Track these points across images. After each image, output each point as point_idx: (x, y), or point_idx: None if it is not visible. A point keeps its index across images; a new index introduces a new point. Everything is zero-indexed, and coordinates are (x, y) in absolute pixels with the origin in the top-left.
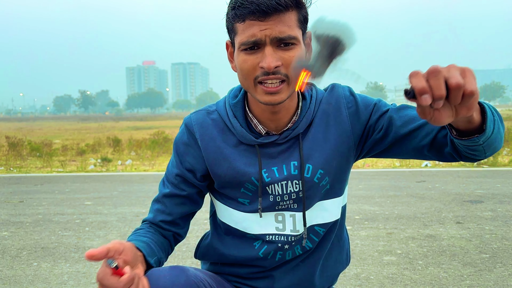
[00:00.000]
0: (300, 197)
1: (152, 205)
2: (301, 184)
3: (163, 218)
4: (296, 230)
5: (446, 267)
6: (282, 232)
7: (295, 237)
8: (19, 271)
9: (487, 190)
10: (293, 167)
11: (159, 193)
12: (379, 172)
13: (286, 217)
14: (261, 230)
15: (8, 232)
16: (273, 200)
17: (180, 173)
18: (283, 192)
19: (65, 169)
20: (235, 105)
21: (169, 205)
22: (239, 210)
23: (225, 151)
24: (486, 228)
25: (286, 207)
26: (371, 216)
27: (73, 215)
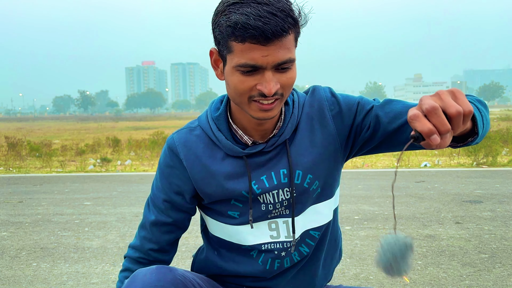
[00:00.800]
0: (291, 203)
1: (139, 231)
2: (290, 191)
3: (151, 246)
4: (291, 236)
5: (445, 267)
6: (277, 240)
7: (290, 243)
8: (18, 272)
9: (486, 190)
10: (282, 175)
11: (145, 219)
12: (378, 172)
13: (280, 224)
14: (255, 241)
15: (8, 233)
16: (265, 209)
17: (167, 199)
18: (275, 200)
19: (65, 169)
20: (217, 118)
21: (156, 233)
22: (230, 224)
23: (212, 168)
24: (485, 228)
25: (279, 214)
26: (370, 216)
27: (72, 215)
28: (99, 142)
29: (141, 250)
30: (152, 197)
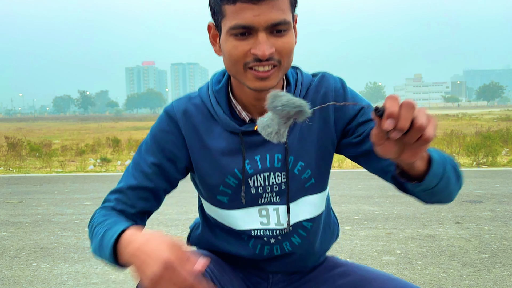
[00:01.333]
0: (282, 190)
1: (110, 195)
2: (283, 176)
3: (125, 208)
4: (281, 224)
5: (445, 267)
6: (267, 227)
7: (280, 231)
8: (18, 272)
9: (486, 190)
10: (276, 160)
11: (123, 184)
12: None
13: (270, 211)
14: (245, 226)
15: (8, 233)
16: (255, 192)
17: (157, 162)
18: (266, 183)
19: (65, 169)
20: (218, 91)
21: (132, 198)
22: (221, 208)
23: (208, 142)
24: (485, 228)
25: (269, 201)
26: (370, 216)
27: (72, 216)
28: (99, 142)
29: (114, 207)
30: (136, 161)
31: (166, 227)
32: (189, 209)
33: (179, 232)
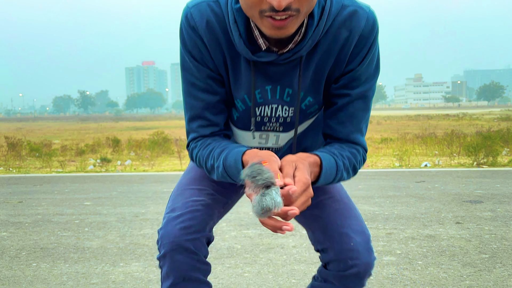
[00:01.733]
0: (287, 122)
1: (190, 125)
2: (290, 110)
3: (212, 130)
4: (278, 144)
5: (445, 267)
6: (264, 145)
7: (276, 149)
8: (18, 272)
9: (486, 190)
10: (286, 94)
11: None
12: (379, 172)
13: (270, 136)
14: (244, 143)
15: (7, 233)
16: (260, 120)
17: (210, 74)
18: (272, 115)
19: (65, 169)
20: (238, 10)
21: (210, 117)
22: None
23: (228, 60)
24: (485, 228)
25: (272, 129)
26: (370, 216)
27: (72, 216)
28: (99, 142)
29: (202, 135)
30: (190, 89)
31: None
32: None
33: None
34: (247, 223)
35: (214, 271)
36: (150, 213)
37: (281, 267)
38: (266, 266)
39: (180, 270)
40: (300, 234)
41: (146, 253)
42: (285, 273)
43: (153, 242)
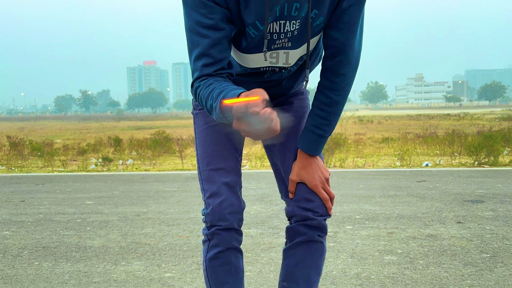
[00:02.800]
0: (295, 36)
1: (195, 64)
2: (297, 23)
3: (215, 68)
4: (288, 63)
5: (447, 266)
6: (275, 64)
7: (285, 68)
8: (20, 271)
9: (487, 190)
10: (294, 8)
11: (199, 48)
12: (380, 172)
13: (280, 54)
14: (256, 65)
15: (10, 232)
16: (269, 38)
17: (216, 9)
18: (280, 31)
19: (66, 168)
20: None
21: (214, 55)
22: (238, 50)
23: None
24: (487, 228)
25: (281, 46)
26: (371, 216)
27: (74, 215)
28: (101, 142)
29: (208, 74)
30: (195, 27)
31: (167, 226)
32: (190, 208)
33: (180, 231)
34: (248, 222)
35: None
36: (151, 212)
37: (278, 266)
38: (268, 265)
39: (225, 242)
40: None
41: (147, 252)
42: None
43: (154, 242)
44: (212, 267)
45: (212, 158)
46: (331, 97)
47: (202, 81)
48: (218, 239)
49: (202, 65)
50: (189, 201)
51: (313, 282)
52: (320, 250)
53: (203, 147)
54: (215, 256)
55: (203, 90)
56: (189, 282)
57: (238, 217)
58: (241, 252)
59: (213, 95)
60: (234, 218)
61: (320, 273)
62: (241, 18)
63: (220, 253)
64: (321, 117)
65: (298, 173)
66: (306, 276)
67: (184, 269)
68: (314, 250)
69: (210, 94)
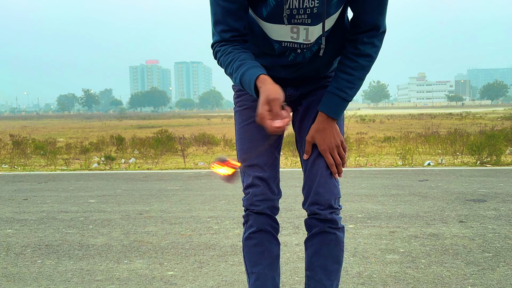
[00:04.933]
0: (314, 13)
1: (215, 28)
2: (316, 1)
3: (232, 33)
4: (308, 40)
5: (449, 266)
6: (296, 40)
7: (306, 45)
8: (23, 269)
9: (490, 189)
10: None
11: (216, 17)
12: (382, 171)
13: (300, 30)
14: (278, 37)
15: (12, 230)
16: (289, 13)
17: None
18: (300, 6)
19: (69, 167)
20: None
21: (231, 23)
22: (261, 19)
23: None
24: (489, 227)
25: (301, 22)
26: (373, 215)
27: (77, 213)
28: (103, 141)
29: (225, 38)
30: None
31: (170, 225)
32: (192, 206)
33: (183, 229)
34: None
35: (217, 269)
36: (154, 210)
37: (284, 265)
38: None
39: (258, 223)
40: (304, 232)
41: (150, 250)
42: (288, 271)
43: (157, 240)
44: (247, 246)
45: (247, 155)
46: (358, 61)
47: (222, 46)
48: (252, 220)
49: (220, 31)
50: (191, 200)
51: (332, 271)
52: (334, 240)
53: (240, 144)
54: (250, 235)
55: (223, 57)
56: (191, 280)
57: (269, 204)
58: (277, 239)
59: (233, 66)
60: (265, 204)
61: (339, 262)
62: None
63: (254, 233)
64: (346, 80)
65: (313, 135)
66: (324, 265)
67: (186, 267)
68: (328, 240)
69: (230, 63)
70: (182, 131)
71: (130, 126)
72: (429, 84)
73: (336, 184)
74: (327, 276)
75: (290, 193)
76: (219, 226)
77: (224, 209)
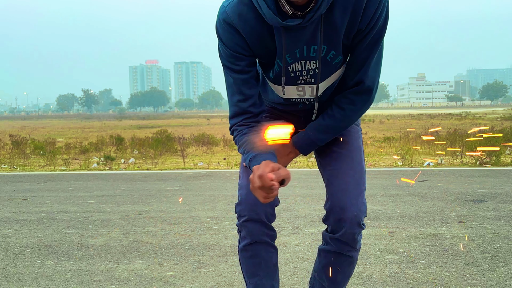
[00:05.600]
0: (316, 74)
1: (232, 104)
2: (317, 63)
3: (248, 103)
4: (314, 95)
5: (448, 266)
6: (303, 96)
7: (312, 99)
8: (23, 269)
9: (489, 189)
10: (312, 50)
11: (233, 90)
12: (381, 171)
13: (306, 88)
14: (287, 96)
15: (12, 230)
16: (293, 75)
17: (241, 57)
18: (302, 68)
19: (68, 167)
20: None
21: (246, 91)
22: (269, 81)
23: (261, 37)
24: (488, 228)
25: (305, 82)
26: (373, 215)
27: (76, 213)
28: (103, 141)
29: (241, 112)
30: (227, 71)
31: (169, 225)
32: (192, 207)
33: (182, 230)
34: None
35: (217, 269)
36: (153, 211)
37: (284, 265)
38: None
39: (252, 235)
40: (303, 232)
41: (149, 251)
42: (288, 271)
43: (156, 240)
44: (243, 257)
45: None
46: (333, 112)
47: (239, 126)
48: (246, 232)
49: (238, 101)
50: (190, 200)
51: (339, 282)
52: (348, 261)
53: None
54: (244, 248)
55: (239, 137)
56: (190, 280)
57: (265, 210)
58: (273, 246)
59: (246, 148)
60: (261, 210)
61: (348, 276)
62: (268, 55)
63: (249, 245)
64: (323, 125)
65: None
66: (333, 278)
67: (185, 268)
68: (342, 261)
69: (244, 143)
70: (181, 131)
71: (129, 126)
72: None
73: (364, 202)
74: (334, 286)
75: (290, 193)
76: (219, 227)
77: (224, 209)
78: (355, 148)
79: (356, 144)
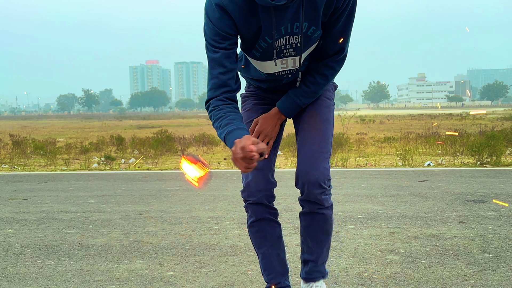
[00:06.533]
0: (298, 47)
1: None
2: (299, 38)
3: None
4: (296, 66)
5: (449, 266)
6: (286, 68)
7: (294, 70)
8: (23, 269)
9: (490, 189)
10: (295, 27)
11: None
12: (382, 171)
13: (289, 60)
14: (271, 71)
15: (12, 230)
16: (279, 50)
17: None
18: (286, 43)
19: (69, 167)
20: None
21: (227, 64)
22: (254, 59)
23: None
24: (489, 228)
25: (288, 55)
26: (373, 215)
27: (76, 213)
28: (103, 141)
29: (221, 84)
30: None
31: (170, 225)
32: (192, 207)
33: (183, 230)
34: None
35: (217, 269)
36: (153, 211)
37: None
38: None
39: (257, 213)
40: None
41: (150, 251)
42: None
43: (157, 240)
44: (251, 232)
45: None
46: (315, 78)
47: (216, 101)
48: (251, 211)
49: (219, 73)
50: (191, 200)
51: (322, 240)
52: (322, 219)
53: None
54: (251, 224)
55: (215, 112)
56: (191, 280)
57: (265, 194)
58: (277, 222)
59: (221, 122)
60: (261, 194)
61: (328, 233)
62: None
63: (254, 222)
64: (304, 90)
65: (260, 118)
66: (314, 236)
67: (186, 268)
68: (317, 219)
69: (219, 118)
70: (182, 131)
71: (130, 126)
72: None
73: (327, 166)
74: (317, 244)
75: (290, 193)
76: (219, 227)
77: (224, 210)
78: (324, 120)
79: (324, 117)
